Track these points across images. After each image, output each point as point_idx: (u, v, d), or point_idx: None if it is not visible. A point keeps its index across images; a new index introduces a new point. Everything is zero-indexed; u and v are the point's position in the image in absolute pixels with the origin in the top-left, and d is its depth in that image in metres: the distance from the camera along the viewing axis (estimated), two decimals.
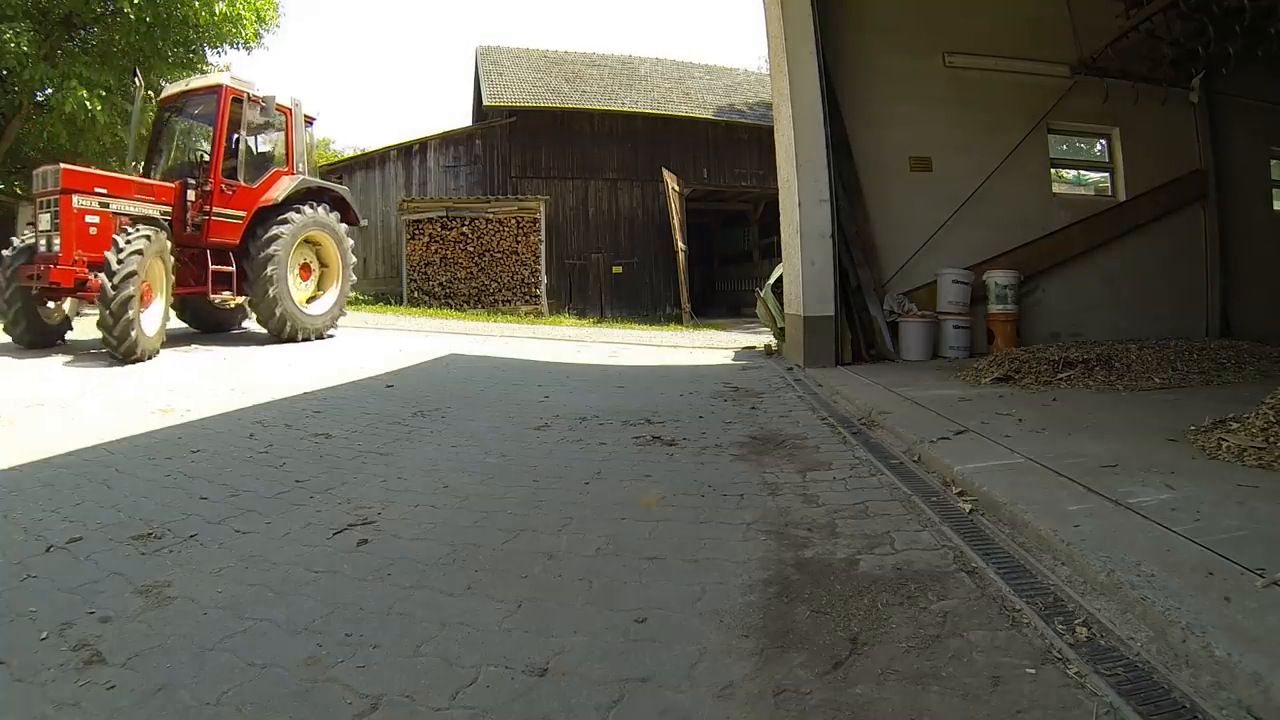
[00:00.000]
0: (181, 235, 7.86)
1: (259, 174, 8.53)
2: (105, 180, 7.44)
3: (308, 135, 9.33)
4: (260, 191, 8.40)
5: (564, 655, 1.69)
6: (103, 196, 7.24)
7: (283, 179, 8.59)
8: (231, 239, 8.18)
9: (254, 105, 8.28)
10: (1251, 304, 8.15)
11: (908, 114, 7.44)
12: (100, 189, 7.27)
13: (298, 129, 8.90)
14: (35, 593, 2.01)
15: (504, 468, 3.37)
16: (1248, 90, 8.05)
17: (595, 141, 18.90)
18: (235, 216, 8.19)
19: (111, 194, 7.33)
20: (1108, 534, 2.12)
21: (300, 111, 8.95)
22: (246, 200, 8.27)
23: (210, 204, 7.95)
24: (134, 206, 7.46)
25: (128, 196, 7.48)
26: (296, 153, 8.85)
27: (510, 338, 10.61)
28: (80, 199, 7.05)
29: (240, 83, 8.26)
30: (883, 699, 1.49)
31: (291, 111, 8.82)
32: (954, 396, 4.72)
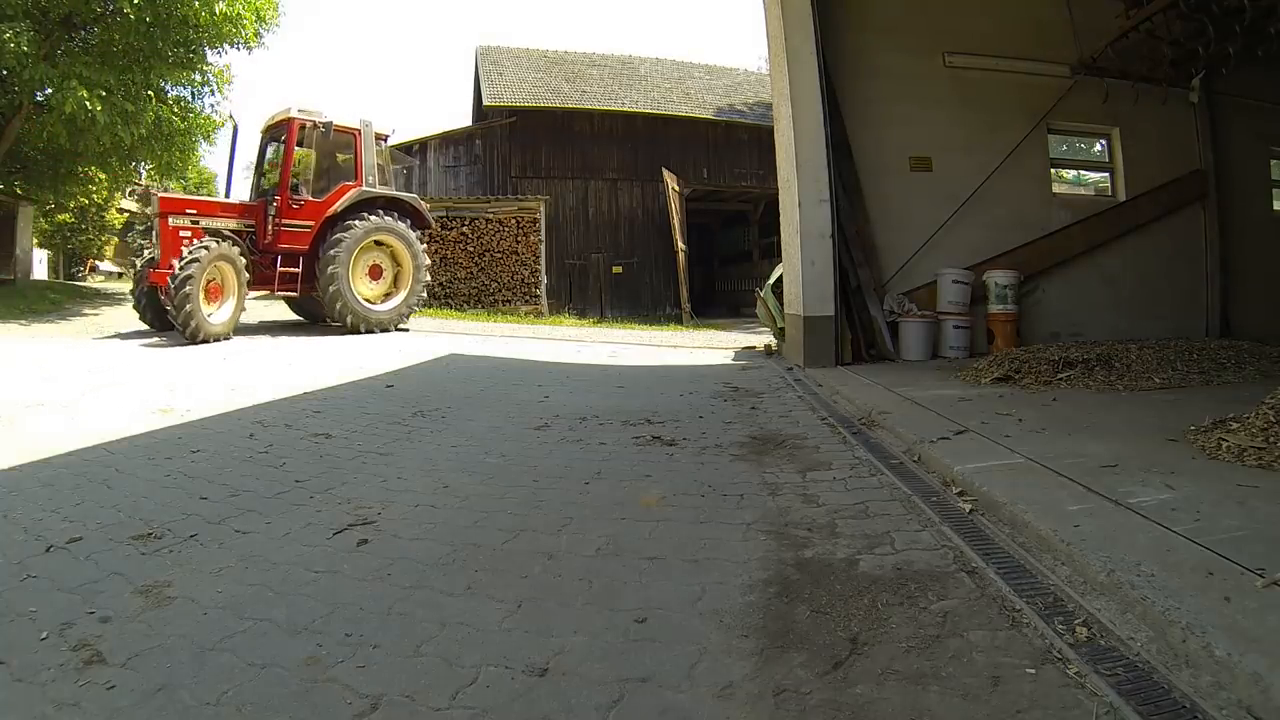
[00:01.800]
0: (262, 243, 9.60)
1: (328, 188, 9.98)
2: (195, 203, 9.51)
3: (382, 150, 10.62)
4: (327, 204, 9.83)
5: (564, 655, 1.69)
6: (193, 216, 9.15)
7: (348, 191, 9.94)
8: (301, 245, 9.73)
9: (315, 130, 9.76)
10: (1251, 304, 8.15)
11: (908, 114, 7.44)
12: (190, 210, 9.24)
13: (366, 147, 10.17)
14: (35, 593, 2.01)
15: (504, 468, 3.37)
16: (1248, 90, 8.05)
17: (595, 141, 18.91)
18: (304, 226, 9.73)
19: (200, 213, 9.26)
20: (1108, 534, 2.12)
21: (369, 131, 10.28)
22: (314, 212, 9.78)
23: (280, 216, 9.59)
24: (219, 223, 9.30)
25: (213, 215, 9.38)
26: (365, 167, 10.13)
27: (510, 338, 10.61)
28: (174, 219, 9.01)
29: (306, 113, 9.81)
30: (883, 699, 1.49)
31: (360, 132, 10.18)
32: (954, 396, 4.71)
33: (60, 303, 13.87)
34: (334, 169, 10.30)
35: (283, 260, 9.65)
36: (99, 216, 27.68)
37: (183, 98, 14.08)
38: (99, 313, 13.15)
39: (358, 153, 10.19)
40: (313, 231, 9.78)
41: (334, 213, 9.81)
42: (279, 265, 9.60)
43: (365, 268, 10.08)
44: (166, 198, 9.26)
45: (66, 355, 7.33)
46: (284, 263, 9.65)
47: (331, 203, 9.85)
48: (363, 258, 10.01)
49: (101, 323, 11.74)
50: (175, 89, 13.84)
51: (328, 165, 10.33)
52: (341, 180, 10.12)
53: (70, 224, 26.71)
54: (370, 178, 10.20)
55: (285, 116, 9.81)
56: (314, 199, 9.83)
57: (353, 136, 10.17)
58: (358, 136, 10.18)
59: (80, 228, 27.60)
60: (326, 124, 9.78)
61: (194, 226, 9.03)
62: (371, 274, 10.22)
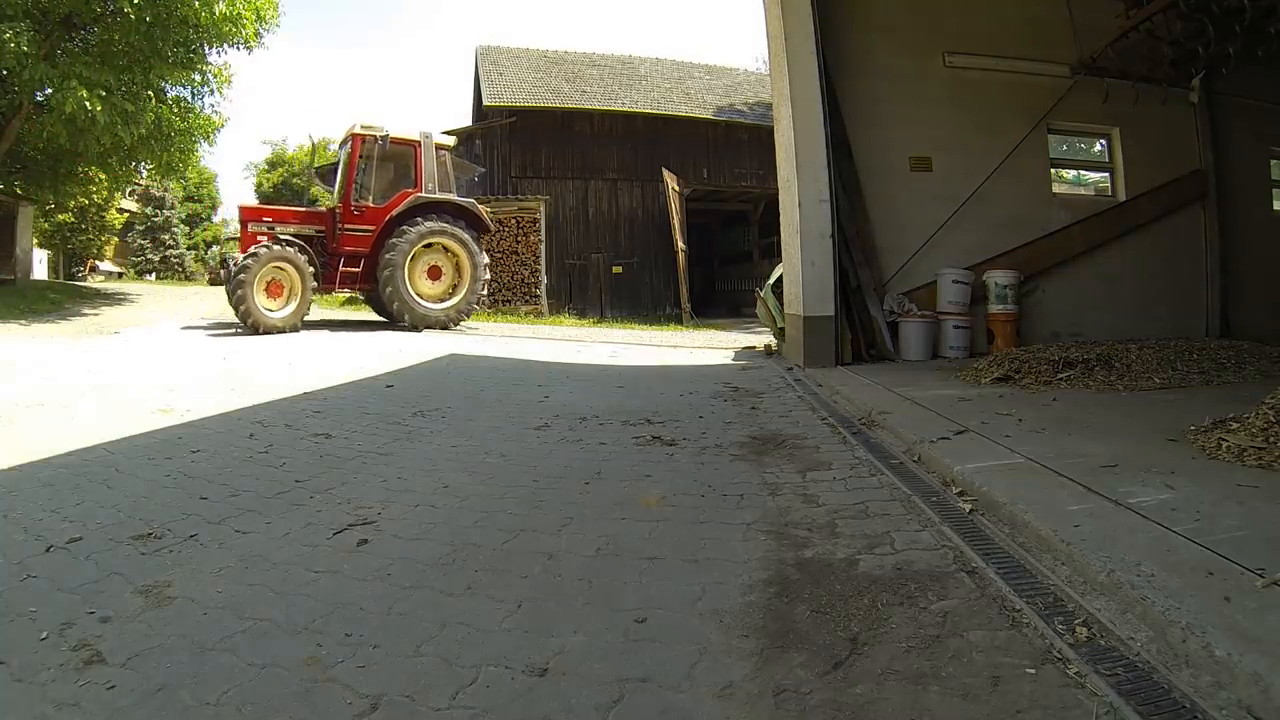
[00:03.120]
0: (331, 245, 10.67)
1: (390, 194, 10.89)
2: (271, 211, 10.86)
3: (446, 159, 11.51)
4: (387, 210, 10.74)
5: (564, 655, 1.69)
6: (269, 222, 10.35)
7: (408, 197, 10.80)
8: (363, 248, 10.69)
9: (375, 143, 10.71)
10: (1251, 304, 8.15)
11: (908, 114, 7.44)
12: (267, 218, 10.48)
13: (426, 156, 11.05)
14: (35, 593, 2.01)
15: (504, 468, 3.37)
16: (1248, 90, 8.05)
17: (595, 141, 18.91)
18: (365, 230, 10.69)
19: (276, 220, 10.48)
20: (1108, 534, 2.12)
21: (429, 142, 11.14)
22: (375, 217, 10.71)
23: (343, 221, 10.63)
24: (293, 228, 10.45)
25: (287, 221, 10.57)
26: (425, 174, 11.02)
27: (510, 338, 10.61)
28: (253, 225, 10.19)
29: (368, 129, 10.77)
30: (883, 699, 1.49)
31: (420, 143, 11.06)
32: (954, 396, 4.71)
33: (60, 303, 13.88)
34: (398, 177, 11.17)
35: (345, 261, 10.64)
36: (99, 216, 27.69)
37: (183, 98, 14.09)
38: (99, 313, 13.15)
39: (418, 162, 11.03)
40: (374, 235, 10.68)
41: (393, 217, 10.65)
42: (341, 266, 10.59)
43: (425, 269, 10.89)
44: (246, 207, 10.67)
45: (66, 355, 7.32)
46: (346, 263, 10.65)
47: (391, 208, 10.72)
48: (422, 259, 10.82)
49: (101, 322, 11.74)
50: (175, 89, 13.84)
51: (391, 174, 11.18)
52: (404, 187, 11.00)
53: (70, 224, 26.71)
54: (430, 185, 11.01)
55: (350, 132, 10.85)
56: (375, 205, 10.76)
57: (413, 147, 11.04)
58: (418, 147, 11.05)
59: (80, 228, 27.60)
60: (384, 137, 10.74)
61: (269, 232, 10.14)
62: (431, 275, 10.98)
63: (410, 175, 11.10)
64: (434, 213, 10.91)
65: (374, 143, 10.76)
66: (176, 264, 35.00)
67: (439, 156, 11.29)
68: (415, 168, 11.05)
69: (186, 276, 34.32)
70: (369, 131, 10.78)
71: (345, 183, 10.71)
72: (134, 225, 34.27)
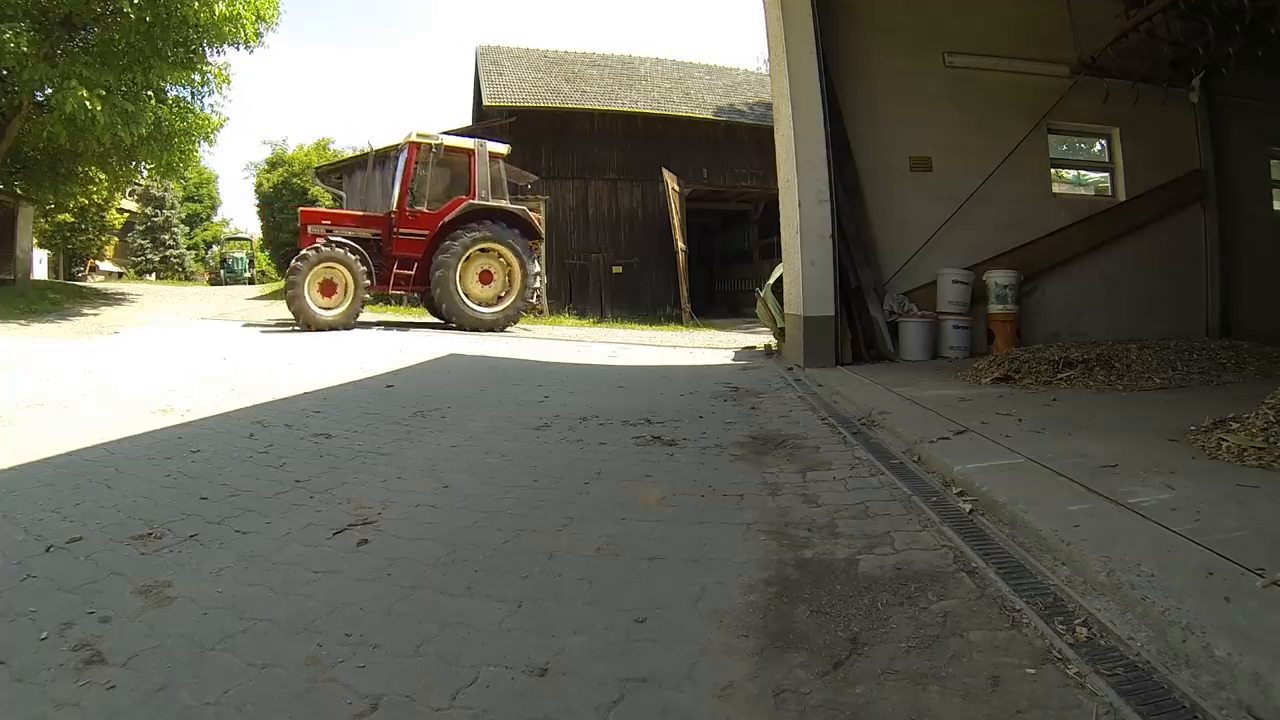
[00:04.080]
0: (386, 249, 11.05)
1: (443, 200, 11.24)
2: (330, 215, 11.46)
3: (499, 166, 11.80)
4: (440, 216, 11.11)
5: (564, 655, 1.69)
6: (328, 225, 10.87)
7: (461, 204, 11.14)
8: (415, 252, 11.08)
9: (430, 151, 11.11)
10: (1251, 304, 8.15)
11: (908, 114, 7.44)
12: (325, 221, 11.03)
13: (480, 164, 11.36)
14: (35, 593, 2.01)
15: (504, 468, 3.37)
16: (1248, 90, 8.05)
17: (595, 141, 18.88)
18: (417, 235, 11.08)
19: (334, 224, 10.99)
20: (1108, 534, 2.12)
21: (483, 151, 11.49)
22: (429, 222, 11.09)
23: (397, 226, 11.04)
24: (350, 232, 10.87)
25: (344, 225, 11.02)
26: (479, 182, 11.33)
27: (510, 338, 10.61)
28: (312, 228, 10.76)
29: (424, 137, 11.22)
30: (883, 699, 1.49)
31: (474, 151, 11.41)
32: (954, 396, 4.71)
33: (60, 303, 13.88)
34: (452, 183, 11.49)
35: (399, 264, 11.07)
36: (99, 216, 27.67)
37: (183, 98, 14.09)
38: (99, 313, 13.16)
39: (471, 170, 11.37)
40: (427, 239, 11.09)
41: (447, 222, 11.06)
42: (396, 268, 11.03)
43: (477, 273, 11.26)
44: (307, 210, 11.21)
45: (66, 355, 7.32)
46: (400, 266, 11.09)
47: (444, 214, 11.12)
48: (474, 263, 11.19)
49: (101, 322, 11.75)
50: (175, 89, 13.84)
51: (446, 180, 11.49)
52: (458, 193, 11.35)
53: (70, 224, 26.69)
54: (483, 191, 11.34)
55: (406, 140, 11.29)
56: (429, 210, 11.14)
57: (467, 155, 11.42)
58: (472, 155, 11.42)
59: (80, 228, 27.57)
60: (439, 145, 11.21)
61: (325, 234, 10.64)
62: (482, 279, 11.33)
63: (464, 182, 11.44)
64: (487, 219, 11.25)
65: (429, 150, 11.13)
66: (176, 264, 35.01)
67: (492, 164, 11.62)
68: (469, 175, 11.39)
69: (186, 276, 34.34)
70: (425, 139, 11.18)
71: (400, 189, 11.10)
72: (134, 225, 34.26)
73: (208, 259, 37.63)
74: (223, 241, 40.05)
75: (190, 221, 42.05)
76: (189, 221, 41.53)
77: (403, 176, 11.12)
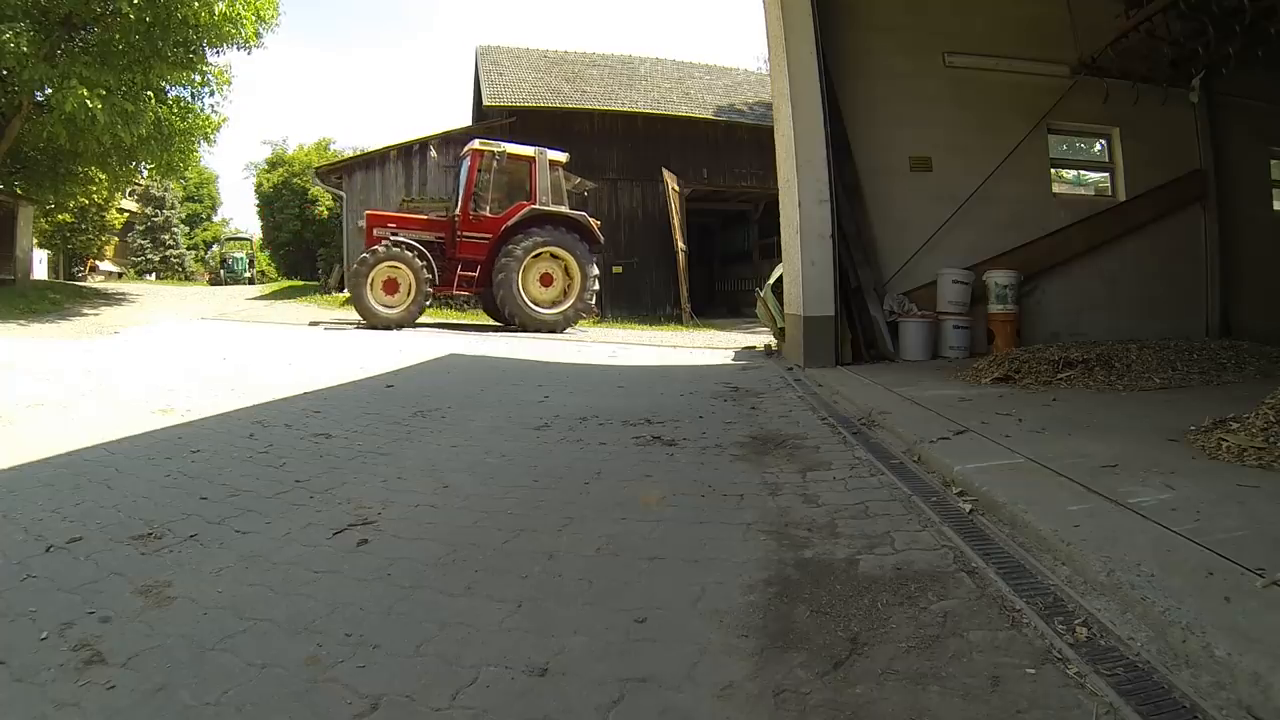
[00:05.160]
0: (450, 251, 11.53)
1: (505, 205, 11.66)
2: (395, 218, 11.80)
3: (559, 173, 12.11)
4: (503, 220, 11.51)
5: (564, 655, 1.69)
6: (393, 228, 11.33)
7: (523, 209, 11.52)
8: (479, 255, 11.53)
9: (493, 158, 11.57)
10: (1251, 304, 8.15)
11: (908, 114, 7.44)
12: (391, 224, 11.44)
13: (541, 171, 11.71)
14: (35, 593, 2.01)
15: (504, 468, 3.37)
16: (1248, 90, 8.05)
17: (595, 141, 18.86)
18: (480, 238, 11.52)
19: (399, 226, 11.42)
20: (1108, 534, 2.12)
21: (544, 158, 11.80)
22: (492, 226, 11.52)
23: (461, 229, 11.49)
24: (415, 234, 11.31)
25: (410, 228, 11.49)
26: (539, 188, 11.68)
27: (510, 338, 10.61)
28: (378, 229, 11.22)
29: (486, 144, 11.74)
30: (883, 699, 1.49)
31: (535, 159, 11.75)
32: (954, 396, 4.71)
33: (60, 303, 13.88)
34: (513, 189, 11.89)
35: (463, 266, 11.52)
36: (99, 216, 27.65)
37: (183, 98, 14.09)
38: (99, 313, 13.16)
39: (532, 176, 11.73)
40: (490, 243, 11.50)
41: (509, 226, 11.44)
42: (460, 270, 11.48)
43: (538, 275, 11.63)
44: (373, 213, 11.69)
45: (66, 355, 7.33)
46: (464, 267, 11.53)
47: (507, 218, 11.51)
48: (536, 266, 11.56)
49: (101, 322, 11.75)
50: (175, 89, 13.84)
51: (508, 186, 11.90)
52: (521, 199, 11.72)
53: (70, 224, 26.67)
54: (544, 198, 11.68)
55: (470, 148, 11.76)
56: (492, 215, 11.54)
57: (528, 162, 11.76)
58: (533, 163, 11.75)
59: (80, 228, 27.55)
60: (501, 153, 11.64)
61: (392, 237, 11.09)
62: (543, 281, 11.71)
63: (525, 188, 11.80)
64: (548, 224, 11.62)
65: (492, 157, 11.58)
66: (176, 264, 34.98)
67: (552, 171, 11.91)
68: (530, 181, 11.75)
69: (186, 276, 34.32)
70: (488, 147, 11.66)
71: (464, 194, 11.56)
72: (134, 225, 34.24)
73: (208, 259, 37.60)
74: (223, 241, 40.01)
75: (190, 221, 42.03)
76: (189, 221, 41.51)
77: (466, 182, 11.56)
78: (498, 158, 11.61)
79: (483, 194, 11.58)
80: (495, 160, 11.61)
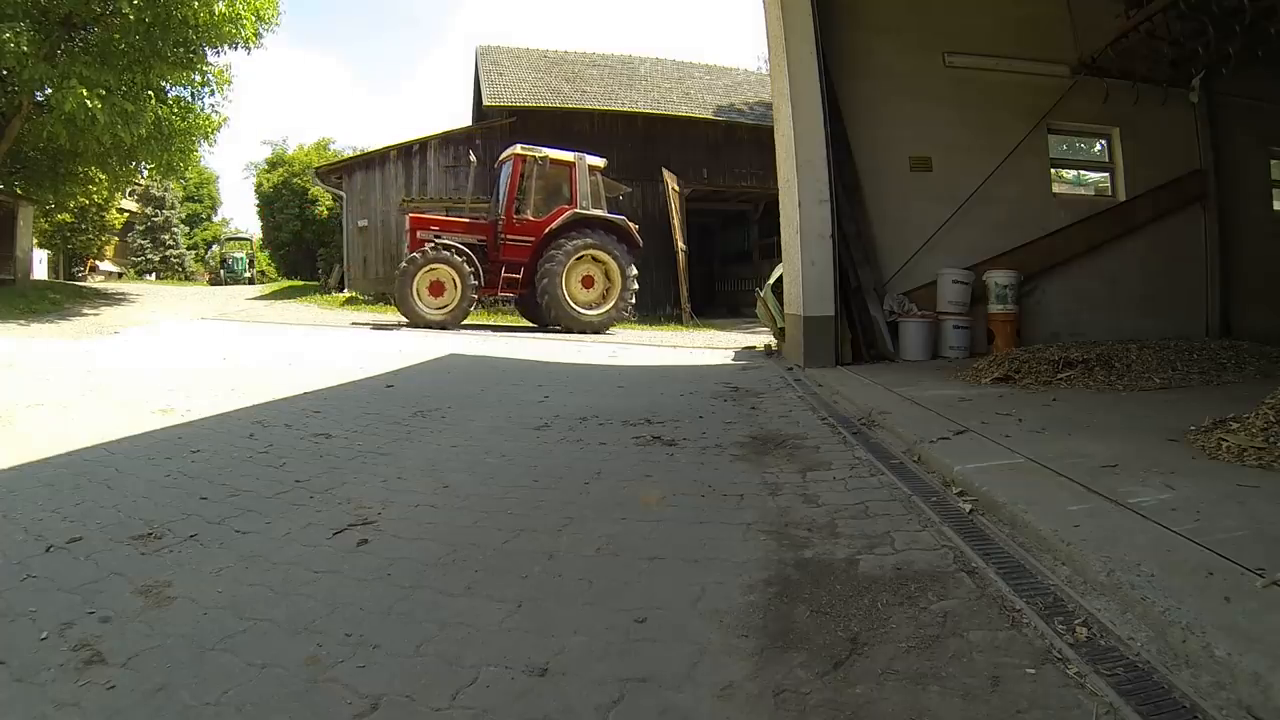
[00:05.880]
0: (492, 254, 11.79)
1: (549, 209, 11.91)
2: (438, 221, 11.93)
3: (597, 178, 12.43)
4: (546, 223, 11.78)
5: (564, 655, 1.69)
6: (436, 230, 11.54)
7: (565, 213, 11.82)
8: (522, 257, 11.81)
9: (534, 163, 11.84)
10: (1251, 304, 8.15)
11: (908, 114, 7.44)
12: (434, 227, 11.63)
13: (580, 177, 12.06)
14: (35, 593, 2.01)
15: (504, 468, 3.37)
16: (1248, 90, 8.05)
17: (595, 141, 18.80)
18: (523, 241, 11.81)
19: (442, 230, 11.63)
20: (1108, 534, 2.12)
21: (583, 164, 12.15)
22: (535, 229, 11.80)
23: (505, 232, 11.79)
24: (457, 237, 11.54)
25: (452, 231, 11.73)
26: (580, 193, 12.01)
27: (510, 338, 10.61)
28: (421, 233, 11.44)
29: (528, 149, 11.98)
30: (883, 699, 1.49)
31: (574, 164, 12.09)
32: (954, 396, 4.71)
33: (60, 303, 13.88)
34: (555, 194, 12.19)
35: (507, 268, 11.76)
36: (99, 216, 27.65)
37: (183, 98, 14.08)
38: (99, 313, 13.16)
39: (573, 181, 12.06)
40: (533, 246, 11.77)
41: (551, 230, 11.71)
42: (504, 272, 11.70)
43: (579, 278, 11.94)
44: (416, 216, 11.89)
45: (66, 355, 7.33)
46: (508, 270, 11.77)
47: (549, 222, 11.78)
48: (577, 269, 11.85)
49: (101, 322, 11.75)
50: (175, 89, 13.84)
51: (548, 191, 12.19)
52: (560, 204, 12.02)
53: (70, 224, 26.67)
54: (584, 202, 12.00)
55: (512, 153, 11.98)
56: (535, 218, 11.82)
57: (568, 168, 12.07)
58: (572, 168, 12.09)
59: (80, 228, 27.55)
60: (543, 159, 11.94)
61: (436, 239, 11.33)
62: (584, 284, 12.04)
63: (564, 192, 12.12)
64: (588, 227, 11.94)
65: (534, 163, 11.86)
66: (176, 264, 34.98)
67: (591, 176, 12.21)
68: (570, 186, 12.07)
69: (186, 276, 34.32)
70: (530, 152, 11.92)
71: (508, 198, 11.83)
72: (134, 225, 34.24)
73: (208, 259, 37.59)
74: (223, 241, 40.00)
75: (190, 221, 42.03)
76: (189, 221, 41.50)
77: (509, 186, 11.80)
78: (540, 162, 11.86)
79: (524, 198, 11.85)
80: (537, 165, 11.86)
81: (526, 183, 11.87)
